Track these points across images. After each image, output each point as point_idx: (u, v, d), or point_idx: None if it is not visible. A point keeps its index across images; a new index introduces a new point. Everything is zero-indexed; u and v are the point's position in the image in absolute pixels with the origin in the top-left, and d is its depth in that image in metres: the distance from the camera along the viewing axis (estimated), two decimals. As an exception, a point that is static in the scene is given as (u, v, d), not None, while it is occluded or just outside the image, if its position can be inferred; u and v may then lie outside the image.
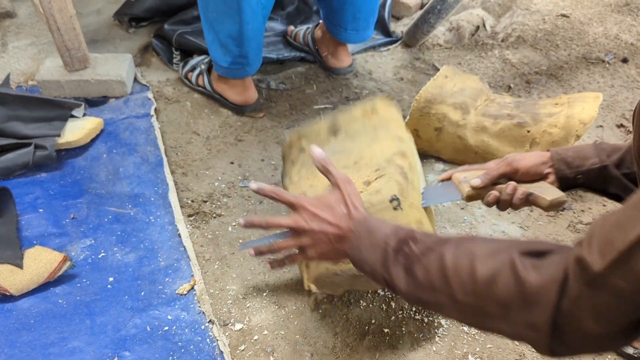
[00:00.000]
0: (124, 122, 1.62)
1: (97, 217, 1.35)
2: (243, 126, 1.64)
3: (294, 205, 0.90)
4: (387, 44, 1.99)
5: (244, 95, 1.65)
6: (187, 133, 1.61)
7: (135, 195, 1.41)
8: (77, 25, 1.62)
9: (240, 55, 1.53)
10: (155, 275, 1.23)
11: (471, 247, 0.73)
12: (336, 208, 0.88)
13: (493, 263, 0.69)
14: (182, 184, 1.45)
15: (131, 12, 1.98)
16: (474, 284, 0.70)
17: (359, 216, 0.86)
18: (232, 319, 1.15)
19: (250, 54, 1.54)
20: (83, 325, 1.12)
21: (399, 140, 1.19)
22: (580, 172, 1.00)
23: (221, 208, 1.39)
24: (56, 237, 1.29)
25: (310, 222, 0.88)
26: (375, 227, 0.83)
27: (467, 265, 0.71)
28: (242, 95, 1.65)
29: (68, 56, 1.65)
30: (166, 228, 1.33)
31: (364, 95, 1.77)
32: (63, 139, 1.49)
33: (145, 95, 1.72)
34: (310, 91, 1.79)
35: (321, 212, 0.88)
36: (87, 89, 1.69)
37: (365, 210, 0.88)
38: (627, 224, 0.57)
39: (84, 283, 1.20)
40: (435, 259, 0.74)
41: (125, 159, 1.51)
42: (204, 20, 1.52)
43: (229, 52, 1.53)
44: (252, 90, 1.67)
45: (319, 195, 0.95)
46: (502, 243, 0.73)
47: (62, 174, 1.46)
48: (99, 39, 1.96)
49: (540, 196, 0.97)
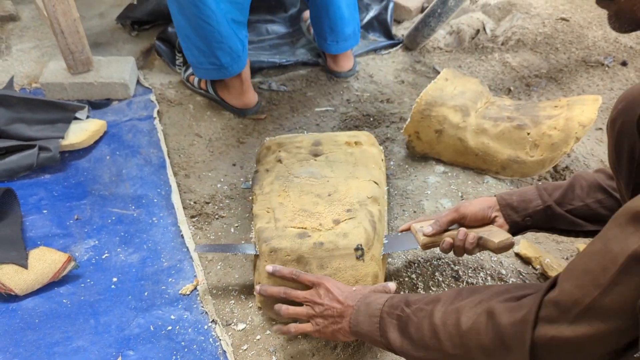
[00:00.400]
0: (127, 124, 1.63)
1: (101, 218, 1.36)
2: (245, 128, 1.66)
3: (315, 283, 1.02)
4: (388, 47, 2.01)
5: (243, 99, 1.67)
6: (190, 135, 1.62)
7: (139, 196, 1.42)
8: (80, 28, 1.63)
9: (214, 57, 1.54)
10: (158, 276, 1.24)
11: (458, 303, 0.81)
12: (345, 288, 1.00)
13: (474, 313, 0.77)
14: (184, 186, 1.46)
15: (134, 16, 2.00)
16: (460, 337, 0.78)
17: (360, 295, 0.97)
18: (235, 319, 1.16)
19: (222, 57, 1.55)
20: (87, 325, 1.13)
21: (374, 184, 1.23)
22: (527, 215, 1.06)
23: (223, 209, 1.40)
24: (60, 237, 1.31)
25: (323, 297, 0.99)
26: (373, 300, 0.93)
27: (453, 320, 0.79)
28: (242, 99, 1.67)
29: (71, 59, 1.66)
30: (169, 229, 1.34)
31: (365, 97, 1.78)
32: (67, 141, 1.51)
33: (148, 98, 1.73)
34: (312, 93, 1.80)
35: (334, 289, 0.99)
36: (90, 91, 1.70)
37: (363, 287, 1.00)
38: (598, 275, 0.63)
39: (87, 283, 1.21)
40: (426, 317, 0.83)
41: (128, 160, 1.52)
42: (175, 24, 1.54)
43: (202, 54, 1.55)
44: (250, 93, 1.68)
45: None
46: (487, 292, 0.80)
47: (65, 175, 1.47)
48: (102, 42, 1.98)
49: (488, 239, 1.03)
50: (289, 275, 1.04)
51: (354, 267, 1.07)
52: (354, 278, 1.07)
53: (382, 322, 0.89)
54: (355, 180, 1.23)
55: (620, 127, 0.86)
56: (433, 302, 0.85)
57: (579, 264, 0.67)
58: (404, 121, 1.66)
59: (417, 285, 1.22)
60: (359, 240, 1.07)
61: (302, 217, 1.13)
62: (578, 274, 0.66)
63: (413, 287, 1.22)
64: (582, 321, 0.65)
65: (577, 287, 0.65)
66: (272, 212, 1.16)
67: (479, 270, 1.26)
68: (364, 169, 1.27)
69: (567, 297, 0.67)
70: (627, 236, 0.60)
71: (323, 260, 1.06)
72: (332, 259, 1.07)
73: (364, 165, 1.28)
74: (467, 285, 1.18)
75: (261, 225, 1.14)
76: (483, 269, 1.26)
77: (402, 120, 1.68)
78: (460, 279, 1.24)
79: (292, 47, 1.97)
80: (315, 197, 1.18)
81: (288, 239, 1.08)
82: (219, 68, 1.57)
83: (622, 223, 0.62)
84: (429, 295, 0.89)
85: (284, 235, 1.09)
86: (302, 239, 1.08)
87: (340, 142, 1.34)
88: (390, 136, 1.62)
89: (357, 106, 1.75)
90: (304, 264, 1.07)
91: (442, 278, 1.24)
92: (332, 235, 1.08)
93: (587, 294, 0.64)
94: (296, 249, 1.07)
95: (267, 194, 1.21)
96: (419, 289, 1.22)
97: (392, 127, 1.66)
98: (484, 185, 1.45)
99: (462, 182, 1.46)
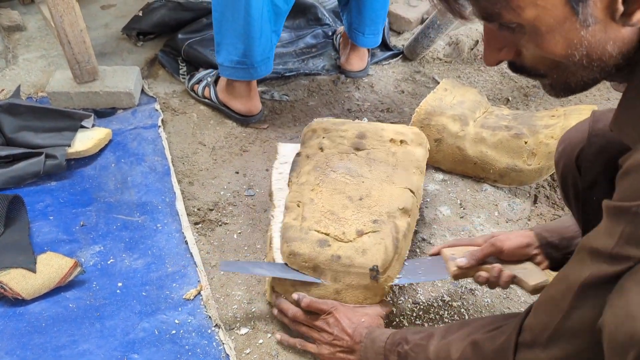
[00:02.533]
0: (132, 133, 1.66)
1: (106, 225, 1.38)
2: (248, 137, 1.69)
3: (325, 311, 1.08)
4: (388, 57, 2.04)
5: (248, 105, 1.70)
6: (194, 143, 1.65)
7: (143, 203, 1.44)
8: (87, 38, 1.66)
9: (245, 55, 1.57)
10: (162, 281, 1.26)
11: (449, 337, 0.88)
12: (354, 319, 1.06)
13: (462, 346, 0.84)
14: (188, 193, 1.49)
15: (139, 27, 2.03)
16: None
17: (366, 330, 1.04)
18: (238, 323, 1.18)
19: (255, 55, 1.57)
20: (93, 329, 1.15)
21: (409, 193, 1.20)
22: (568, 252, 1.04)
23: (227, 216, 1.43)
24: (66, 243, 1.33)
25: (332, 327, 1.06)
26: (377, 337, 1.01)
27: (445, 354, 0.87)
28: (247, 105, 1.70)
29: (78, 68, 1.69)
30: (173, 235, 1.36)
31: (366, 107, 1.82)
32: (73, 149, 1.53)
33: (153, 107, 1.76)
34: (313, 103, 1.83)
35: (344, 320, 1.06)
36: (96, 100, 1.73)
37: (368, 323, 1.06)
38: (560, 301, 0.70)
39: (93, 288, 1.24)
40: (422, 352, 0.92)
41: (133, 168, 1.55)
42: (214, 18, 1.56)
43: (235, 50, 1.56)
44: (256, 100, 1.71)
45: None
46: (474, 325, 0.88)
47: (71, 182, 1.50)
48: (107, 52, 2.01)
49: (523, 280, 1.02)
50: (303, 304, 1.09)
51: (366, 287, 1.08)
52: (364, 295, 1.09)
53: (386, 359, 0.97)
54: (390, 186, 1.19)
55: (563, 168, 0.97)
56: (428, 338, 0.93)
57: (548, 292, 0.74)
58: (404, 130, 1.69)
59: (417, 291, 1.24)
60: (377, 261, 1.06)
61: (328, 221, 1.12)
62: (546, 301, 0.74)
63: (413, 292, 1.24)
64: (552, 344, 0.71)
65: (545, 313, 0.73)
66: (301, 207, 1.16)
67: (478, 277, 1.28)
68: (404, 173, 1.23)
69: (538, 322, 0.74)
70: (582, 267, 0.67)
71: (338, 273, 1.07)
72: (347, 275, 1.07)
73: (404, 169, 1.24)
74: (458, 320, 1.20)
75: (288, 220, 1.15)
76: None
77: (402, 129, 1.71)
78: (459, 285, 1.26)
79: (314, 58, 2.02)
80: (346, 199, 1.16)
81: (308, 245, 1.09)
82: (248, 68, 1.60)
83: (580, 257, 0.68)
84: (425, 330, 0.96)
85: (306, 238, 1.10)
86: (321, 248, 1.08)
87: (385, 139, 1.29)
88: (391, 145, 1.65)
89: (358, 115, 1.78)
90: (319, 273, 1.08)
91: (441, 284, 1.26)
92: (352, 249, 1.08)
93: (553, 319, 0.70)
94: (314, 257, 1.08)
95: (302, 185, 1.20)
96: (419, 294, 1.24)
97: (392, 136, 1.69)
98: (482, 193, 1.48)
99: (461, 190, 1.49)
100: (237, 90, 1.68)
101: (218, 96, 1.74)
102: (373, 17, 1.81)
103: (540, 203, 1.47)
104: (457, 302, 1.23)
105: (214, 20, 1.57)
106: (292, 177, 1.25)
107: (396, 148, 1.28)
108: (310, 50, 2.04)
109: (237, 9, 1.48)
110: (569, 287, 0.68)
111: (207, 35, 1.94)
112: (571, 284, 0.68)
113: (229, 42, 1.56)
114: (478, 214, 1.43)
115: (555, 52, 0.63)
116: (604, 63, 0.64)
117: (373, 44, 1.90)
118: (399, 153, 1.27)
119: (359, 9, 1.79)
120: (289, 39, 2.06)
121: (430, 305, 1.22)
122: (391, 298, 1.23)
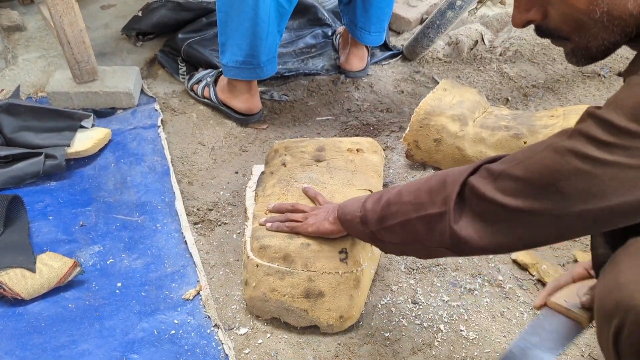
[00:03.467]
0: (131, 133, 1.66)
1: (106, 225, 1.38)
2: (247, 137, 1.69)
3: (318, 202, 1.20)
4: (387, 57, 2.04)
5: (249, 103, 1.70)
6: (193, 143, 1.65)
7: (143, 203, 1.45)
8: (86, 38, 1.67)
9: (251, 55, 1.57)
10: (162, 281, 1.26)
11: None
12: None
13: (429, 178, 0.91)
14: (188, 193, 1.49)
15: (139, 27, 2.03)
16: (416, 189, 0.90)
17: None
18: (237, 323, 1.18)
19: (261, 54, 1.58)
20: (92, 329, 1.16)
21: (369, 192, 1.24)
22: None
23: (226, 216, 1.43)
24: (66, 243, 1.33)
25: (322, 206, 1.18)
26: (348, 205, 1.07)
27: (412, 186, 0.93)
28: (247, 103, 1.70)
29: (77, 68, 1.70)
30: (173, 235, 1.36)
31: (365, 107, 1.82)
32: (72, 149, 1.53)
33: (152, 107, 1.76)
34: (313, 103, 1.84)
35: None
36: (96, 100, 1.73)
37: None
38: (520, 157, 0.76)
39: (92, 288, 1.24)
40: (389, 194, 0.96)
41: (132, 168, 1.55)
42: (219, 19, 1.56)
43: (240, 51, 1.57)
44: (257, 98, 1.72)
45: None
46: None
47: (71, 182, 1.50)
48: (106, 52, 2.01)
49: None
50: (289, 206, 1.19)
51: (336, 269, 1.11)
52: (336, 281, 1.11)
53: (364, 204, 1.01)
54: (351, 189, 1.27)
55: None
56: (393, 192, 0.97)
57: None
58: (403, 130, 1.69)
59: (416, 290, 1.24)
60: (345, 245, 1.12)
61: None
62: (509, 158, 0.78)
63: (413, 292, 1.24)
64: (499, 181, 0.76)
65: (502, 163, 0.78)
66: (269, 214, 1.22)
67: (477, 276, 1.28)
68: (363, 176, 1.30)
69: (496, 167, 0.78)
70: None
71: (308, 260, 1.12)
72: (317, 260, 1.12)
73: (362, 174, 1.31)
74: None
75: (256, 225, 1.21)
76: (481, 275, 1.28)
77: (402, 129, 1.71)
78: (458, 284, 1.26)
79: (314, 58, 2.02)
80: (311, 203, 1.22)
81: (278, 238, 1.15)
82: (254, 68, 1.61)
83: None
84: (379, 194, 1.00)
85: (275, 234, 1.16)
86: (291, 239, 1.14)
87: (343, 149, 1.37)
88: (390, 145, 1.65)
89: (358, 115, 1.78)
90: (289, 262, 1.13)
91: (441, 284, 1.26)
92: (320, 238, 1.13)
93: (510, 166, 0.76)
94: (284, 247, 1.13)
95: (268, 196, 1.27)
96: (418, 294, 1.24)
97: (391, 136, 1.69)
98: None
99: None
100: (238, 89, 1.68)
101: (218, 96, 1.74)
102: (379, 15, 1.82)
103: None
104: (457, 302, 1.23)
105: (218, 21, 1.57)
106: (259, 192, 1.33)
107: (354, 156, 1.36)
108: (310, 50, 2.04)
109: (245, 10, 1.49)
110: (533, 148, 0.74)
111: (207, 35, 1.95)
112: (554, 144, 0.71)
113: (233, 42, 1.56)
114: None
115: (578, 7, 0.67)
116: (624, 22, 0.67)
117: (379, 41, 1.91)
118: (357, 160, 1.35)
119: (364, 7, 1.79)
120: (289, 39, 2.06)
121: (429, 305, 1.22)
122: (390, 298, 1.23)
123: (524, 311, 1.21)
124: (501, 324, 1.19)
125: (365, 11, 1.80)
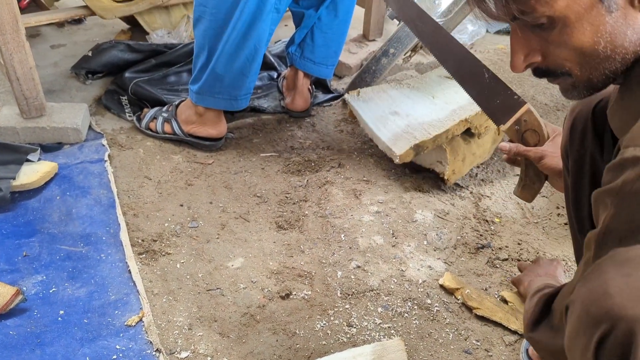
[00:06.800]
0: (78, 167, 1.70)
1: (49, 255, 1.41)
2: (193, 172, 1.75)
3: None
4: (329, 100, 2.17)
5: (219, 127, 1.81)
6: (140, 178, 1.70)
7: (87, 234, 1.48)
8: (35, 76, 1.72)
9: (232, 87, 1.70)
10: (105, 309, 1.29)
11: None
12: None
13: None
14: (133, 225, 1.53)
15: (88, 67, 2.09)
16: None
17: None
18: (179, 348, 1.22)
19: (243, 89, 1.73)
20: (33, 355, 1.17)
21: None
22: None
23: (170, 247, 1.48)
24: (8, 273, 1.34)
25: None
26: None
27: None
28: (218, 128, 1.81)
29: (25, 104, 1.74)
30: (117, 265, 1.40)
31: (307, 144, 1.92)
32: (18, 182, 1.56)
33: (100, 142, 1.81)
34: (258, 140, 1.93)
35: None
36: (43, 135, 1.77)
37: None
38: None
39: (34, 315, 1.25)
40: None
41: (78, 200, 1.58)
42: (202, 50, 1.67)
43: (222, 84, 1.70)
44: (224, 121, 1.83)
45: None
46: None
47: (15, 214, 1.52)
48: (55, 90, 2.06)
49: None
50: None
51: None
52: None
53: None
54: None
55: (578, 113, 1.00)
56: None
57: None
58: (342, 166, 1.80)
59: (351, 315, 1.32)
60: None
61: None
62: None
63: (348, 316, 1.32)
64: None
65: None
66: None
67: (408, 300, 1.37)
68: None
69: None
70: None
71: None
72: None
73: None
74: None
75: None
76: (411, 299, 1.37)
77: (341, 165, 1.82)
78: (390, 308, 1.35)
79: (259, 98, 2.12)
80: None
81: None
82: (232, 100, 1.74)
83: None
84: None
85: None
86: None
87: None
88: (330, 180, 1.75)
89: (300, 152, 1.88)
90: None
91: (373, 307, 1.35)
92: None
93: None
94: None
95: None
96: (353, 317, 1.32)
97: (331, 172, 1.79)
98: (413, 224, 1.59)
99: (393, 221, 1.60)
100: (207, 116, 1.78)
101: (182, 128, 1.81)
102: (336, 50, 1.98)
103: (465, 233, 1.59)
104: (388, 324, 1.31)
105: (202, 52, 1.67)
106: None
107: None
108: (256, 91, 2.14)
109: (246, 47, 1.62)
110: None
111: (155, 76, 2.03)
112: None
113: (218, 77, 1.68)
114: (409, 242, 1.54)
115: (584, 41, 0.69)
116: (625, 50, 0.69)
117: (331, 74, 2.06)
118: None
119: (326, 43, 1.93)
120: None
121: (363, 328, 1.30)
122: (326, 321, 1.30)
123: (449, 332, 1.31)
124: (429, 344, 1.27)
125: (328, 47, 1.95)
